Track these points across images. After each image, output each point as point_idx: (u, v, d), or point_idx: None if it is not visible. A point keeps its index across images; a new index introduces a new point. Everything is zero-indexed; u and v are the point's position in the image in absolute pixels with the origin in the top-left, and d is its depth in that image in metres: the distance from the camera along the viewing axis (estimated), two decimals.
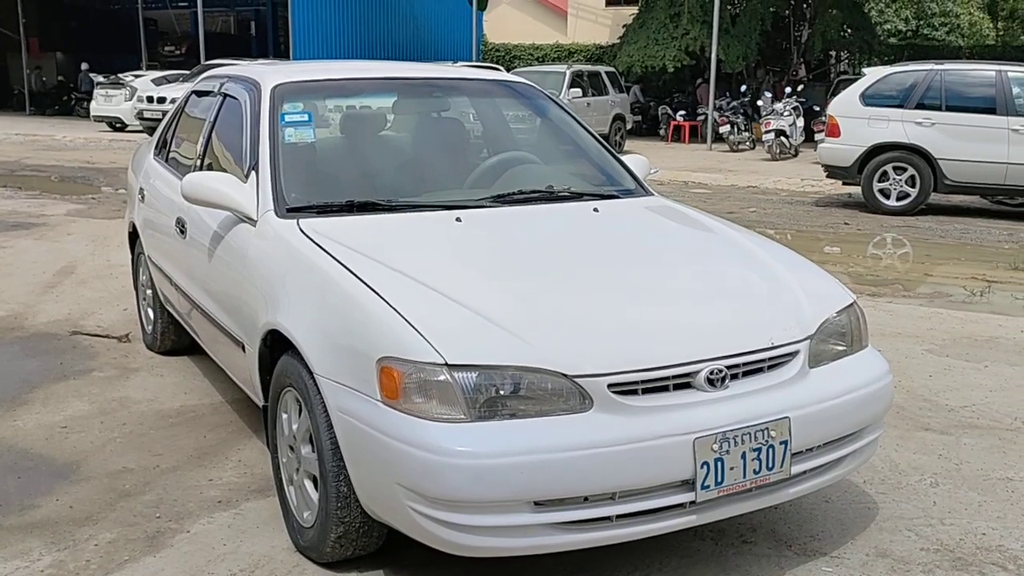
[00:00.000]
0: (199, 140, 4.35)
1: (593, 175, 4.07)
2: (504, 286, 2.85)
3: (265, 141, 3.63)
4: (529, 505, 2.47)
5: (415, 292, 2.74)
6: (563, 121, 4.34)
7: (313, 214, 3.39)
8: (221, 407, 4.44)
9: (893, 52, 24.06)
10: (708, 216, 3.81)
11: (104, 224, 9.66)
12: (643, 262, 3.21)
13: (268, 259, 3.29)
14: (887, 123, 11.65)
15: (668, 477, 2.54)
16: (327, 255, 3.01)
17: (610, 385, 2.54)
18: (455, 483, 2.43)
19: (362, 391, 2.63)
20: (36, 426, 4.18)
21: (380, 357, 2.58)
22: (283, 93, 3.84)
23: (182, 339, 5.10)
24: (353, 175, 3.80)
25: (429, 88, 4.29)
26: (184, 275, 4.16)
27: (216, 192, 3.51)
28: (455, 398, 2.48)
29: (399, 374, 2.53)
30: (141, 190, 5.02)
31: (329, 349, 2.77)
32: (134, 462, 3.82)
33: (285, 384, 3.09)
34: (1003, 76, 11.32)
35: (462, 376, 2.49)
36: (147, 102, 20.73)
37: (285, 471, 3.21)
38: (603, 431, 2.49)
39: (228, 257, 3.59)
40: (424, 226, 3.35)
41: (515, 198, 3.65)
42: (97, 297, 6.47)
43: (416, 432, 2.48)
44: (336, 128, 3.93)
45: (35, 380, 4.78)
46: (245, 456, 3.88)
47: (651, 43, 21.38)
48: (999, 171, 11.11)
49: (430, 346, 2.53)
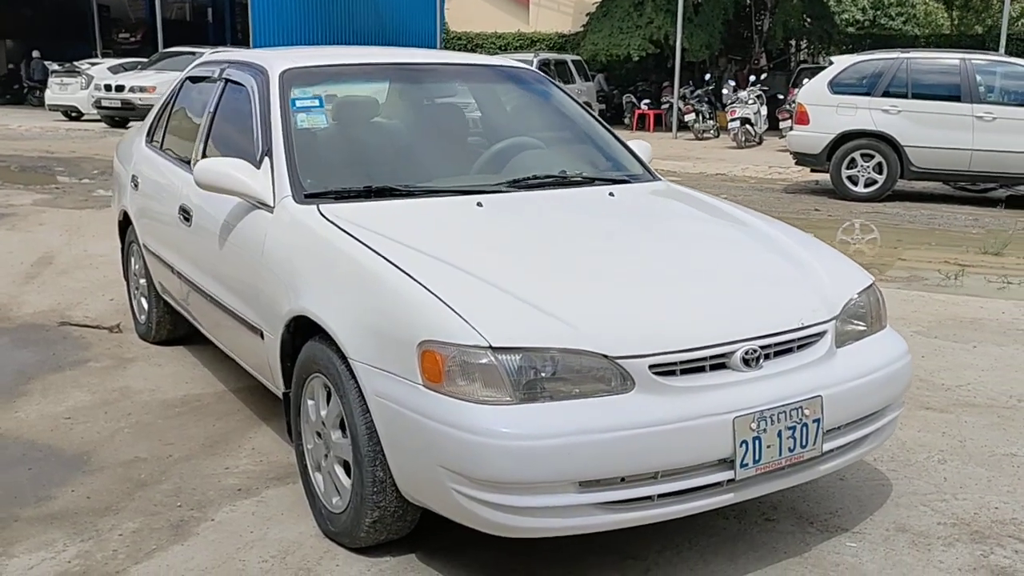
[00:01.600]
0: (200, 127, 4.30)
1: (600, 160, 4.10)
2: (537, 269, 2.86)
3: (278, 127, 3.60)
4: (574, 485, 2.49)
5: (451, 276, 2.75)
6: (567, 106, 4.36)
7: (331, 200, 3.37)
8: (225, 396, 4.40)
9: (851, 41, 24.45)
10: (719, 200, 3.86)
11: (74, 214, 9.51)
12: (669, 245, 3.25)
13: (288, 245, 3.27)
14: (855, 111, 11.83)
15: (708, 456, 2.58)
16: (355, 240, 3.00)
17: (651, 366, 2.57)
18: (502, 464, 2.44)
19: (402, 375, 2.63)
20: (39, 417, 4.12)
21: (421, 341, 2.58)
22: (291, 78, 3.82)
23: (177, 328, 5.05)
24: (366, 160, 3.78)
25: (435, 73, 4.29)
26: (189, 263, 4.12)
27: (231, 178, 3.48)
28: (500, 380, 2.50)
29: (442, 357, 2.54)
30: (134, 178, 4.95)
31: (364, 334, 2.77)
32: (146, 451, 3.78)
33: (311, 371, 3.08)
34: (967, 64, 11.55)
35: (506, 358, 2.51)
36: (105, 90, 20.36)
37: (311, 457, 3.20)
38: (646, 412, 2.52)
39: (242, 244, 3.56)
40: (446, 211, 3.35)
41: (530, 183, 3.67)
42: (80, 287, 6.37)
43: (461, 415, 2.49)
44: (346, 114, 3.90)
45: (30, 371, 4.71)
46: (258, 444, 3.86)
47: (616, 32, 21.48)
48: (964, 157, 11.34)
49: (473, 329, 2.54)
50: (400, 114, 4.11)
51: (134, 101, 19.84)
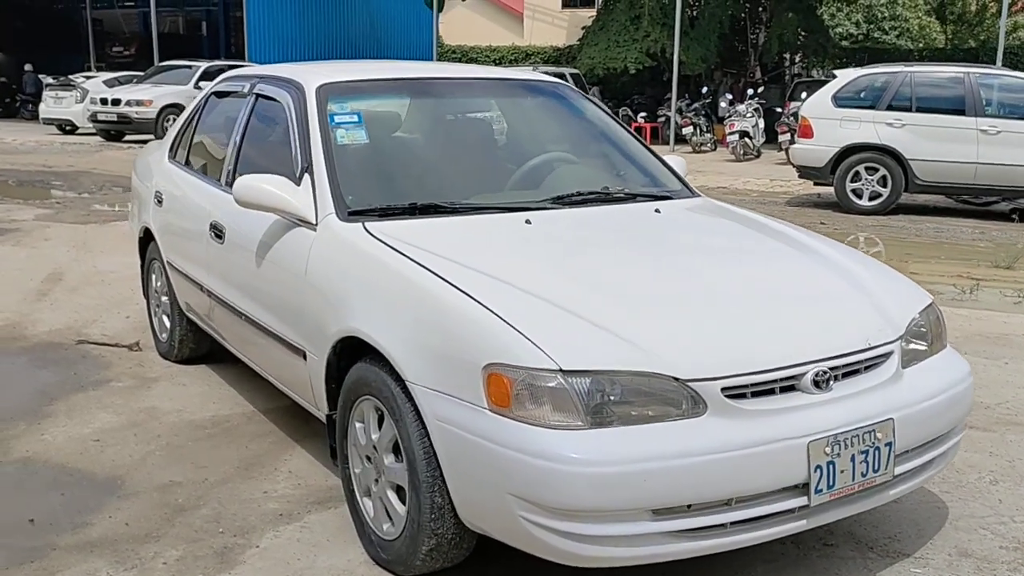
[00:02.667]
0: (230, 143, 4.22)
1: (639, 176, 4.04)
2: (599, 289, 2.79)
3: (318, 143, 3.54)
4: (648, 513, 2.43)
5: (513, 296, 2.68)
6: (603, 121, 4.31)
7: (375, 217, 3.31)
8: (255, 416, 4.32)
9: (845, 55, 24.46)
10: (763, 216, 3.81)
11: (79, 229, 9.40)
12: (726, 264, 3.19)
13: (335, 265, 3.20)
14: (859, 124, 11.83)
15: (783, 482, 2.52)
16: (408, 260, 2.93)
17: (723, 389, 2.50)
18: (576, 492, 2.37)
19: (465, 399, 2.56)
20: (67, 440, 4.02)
21: (487, 364, 2.51)
22: (328, 93, 3.75)
23: (200, 347, 4.97)
24: (406, 176, 3.72)
25: (471, 88, 4.23)
26: (220, 281, 4.04)
27: (272, 196, 3.41)
28: (571, 405, 2.43)
29: (510, 381, 2.47)
30: (157, 194, 4.87)
31: (423, 356, 2.70)
32: (180, 475, 3.69)
33: (361, 393, 3.00)
34: (971, 78, 11.57)
35: (577, 382, 2.44)
36: (101, 104, 20.22)
37: (359, 482, 3.12)
38: (720, 436, 2.46)
39: (283, 263, 3.48)
40: (495, 229, 3.29)
41: (574, 199, 3.61)
42: (94, 304, 6.27)
43: (532, 440, 2.42)
44: (384, 129, 3.84)
45: (52, 391, 4.61)
46: (294, 467, 3.78)
47: (612, 45, 21.51)
48: (968, 171, 11.34)
49: (542, 352, 2.47)
50: (437, 129, 4.05)
51: (130, 115, 19.75)
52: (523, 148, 4.05)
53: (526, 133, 4.20)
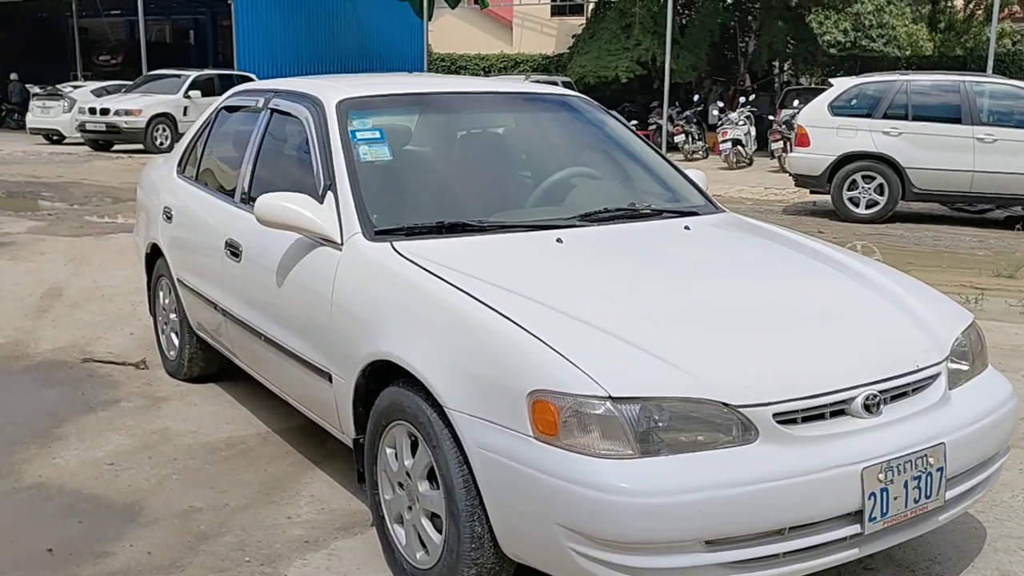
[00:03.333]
0: (244, 159, 4.14)
1: (661, 190, 3.98)
2: (641, 312, 2.73)
3: (340, 160, 3.46)
4: (701, 544, 2.36)
5: (555, 320, 2.61)
6: (622, 134, 4.25)
7: (402, 236, 3.24)
8: (270, 437, 4.23)
9: (834, 63, 24.60)
10: (792, 232, 3.76)
11: (75, 242, 9.28)
12: (765, 283, 3.13)
13: (363, 286, 3.12)
14: (855, 132, 11.83)
15: (837, 510, 2.46)
16: (443, 282, 2.86)
17: (775, 415, 2.44)
18: (630, 523, 2.31)
19: (508, 426, 2.49)
20: (79, 464, 3.93)
21: (531, 391, 2.44)
22: (348, 108, 3.68)
23: (210, 365, 4.88)
24: (430, 194, 3.65)
25: (491, 102, 4.16)
26: (236, 300, 3.95)
27: (295, 215, 3.34)
28: (621, 433, 2.36)
29: (556, 408, 2.40)
30: (167, 210, 4.78)
31: (462, 382, 2.63)
32: (200, 500, 3.60)
33: (393, 418, 2.93)
34: (967, 86, 11.58)
35: (627, 409, 2.38)
36: (89, 114, 20.07)
37: (389, 508, 3.05)
38: (774, 464, 2.40)
39: (306, 283, 3.41)
40: (527, 248, 3.22)
41: (601, 216, 3.55)
42: (96, 321, 6.17)
43: (581, 470, 2.35)
44: (405, 145, 3.77)
45: (61, 413, 4.51)
46: (316, 491, 3.70)
47: (603, 53, 21.51)
48: (965, 179, 11.34)
49: (589, 378, 2.40)
50: (459, 145, 3.98)
51: (119, 125, 19.60)
52: (545, 163, 3.98)
53: (547, 148, 4.14)
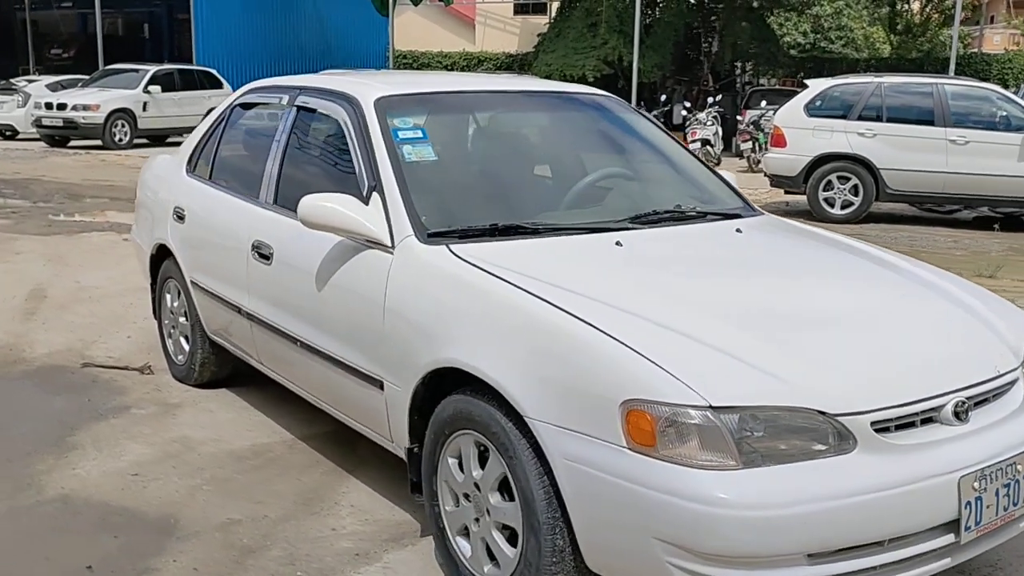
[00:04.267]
0: (269, 158, 4.01)
1: (700, 192, 3.93)
2: (723, 318, 2.67)
3: (385, 161, 3.36)
4: (804, 558, 2.31)
5: (640, 327, 2.54)
6: (657, 134, 4.21)
7: (455, 239, 3.14)
8: (296, 445, 4.11)
9: (795, 64, 24.87)
10: (839, 235, 3.74)
11: (48, 241, 9.00)
12: (833, 288, 3.08)
13: (422, 290, 3.02)
14: (831, 134, 11.95)
15: (936, 519, 2.43)
16: (513, 286, 2.77)
17: (873, 423, 2.40)
18: (735, 537, 2.25)
19: (599, 436, 2.42)
20: (102, 475, 3.78)
21: (625, 400, 2.37)
22: (386, 107, 3.58)
23: (222, 370, 4.75)
24: (475, 195, 3.56)
25: (528, 101, 4.09)
26: (266, 304, 3.82)
27: (343, 217, 3.23)
28: (723, 443, 2.30)
29: (653, 418, 2.33)
30: (177, 210, 4.62)
31: (544, 391, 2.54)
32: (237, 512, 3.48)
33: (458, 427, 2.84)
34: (940, 89, 11.76)
35: (727, 419, 2.32)
36: (45, 108, 19.53)
37: (451, 520, 2.96)
38: (875, 473, 2.35)
39: (353, 287, 3.29)
40: (587, 251, 3.15)
41: (649, 218, 3.49)
42: (87, 324, 5.96)
43: (683, 481, 2.29)
44: (446, 144, 3.67)
45: (71, 420, 4.34)
46: (355, 500, 3.59)
47: (570, 52, 21.50)
48: (938, 180, 11.51)
49: (687, 387, 2.34)
50: (498, 144, 3.89)
51: (77, 120, 19.12)
52: (584, 163, 3.91)
53: (585, 147, 4.08)
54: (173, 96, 20.58)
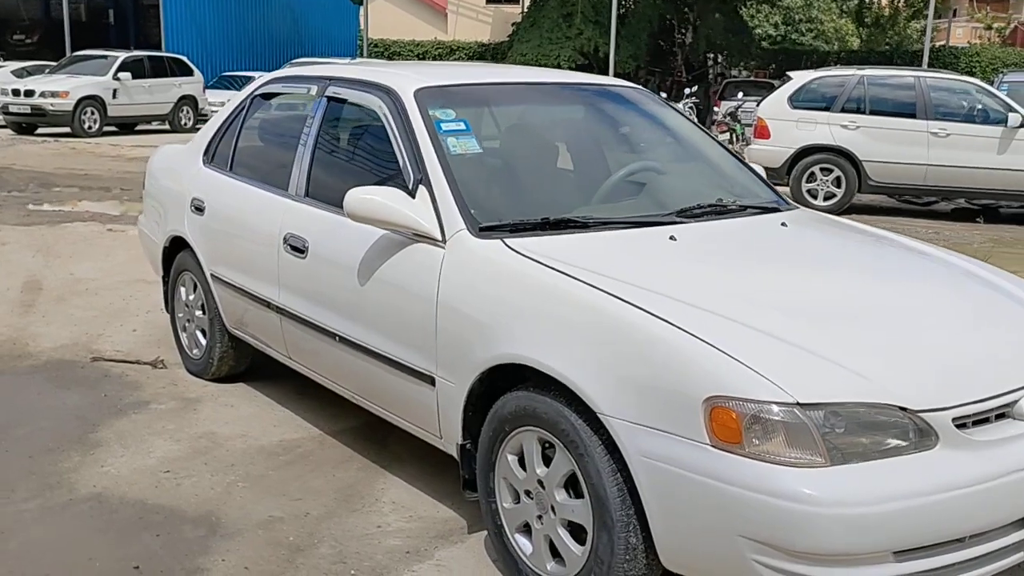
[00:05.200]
0: (299, 149, 3.93)
1: (733, 185, 3.91)
2: (793, 313, 2.66)
3: (431, 153, 3.31)
4: (890, 555, 2.31)
5: (713, 322, 2.53)
6: (689, 127, 4.20)
7: (507, 233, 3.11)
8: (326, 440, 4.05)
9: (767, 56, 25.04)
10: (878, 229, 3.76)
11: (33, 232, 8.81)
12: (894, 284, 3.09)
13: (479, 285, 2.98)
14: (814, 126, 12.03)
15: (1014, 515, 2.44)
16: (579, 281, 2.74)
17: (954, 419, 2.41)
18: (825, 534, 2.24)
19: (680, 433, 2.40)
20: (133, 472, 3.70)
21: (708, 397, 2.36)
22: (427, 98, 3.53)
23: (239, 364, 4.69)
24: (520, 188, 3.53)
25: (566, 93, 4.06)
26: (301, 299, 3.75)
27: (392, 211, 3.18)
28: (810, 440, 2.29)
29: (739, 415, 2.32)
30: (195, 201, 4.52)
31: (620, 388, 2.52)
32: (277, 509, 3.42)
33: (520, 424, 2.81)
34: (922, 82, 11.89)
35: (814, 415, 2.31)
36: (12, 95, 19.12)
37: (510, 517, 2.93)
38: (959, 469, 2.36)
39: (401, 282, 3.24)
40: (643, 245, 3.12)
41: (694, 212, 3.47)
42: (90, 316, 5.84)
43: (770, 479, 2.28)
44: (489, 136, 3.63)
45: (90, 416, 4.25)
46: (395, 497, 3.54)
47: (544, 42, 21.47)
48: (920, 172, 11.65)
49: (772, 384, 2.33)
50: (539, 137, 3.85)
51: (45, 107, 18.76)
52: (621, 156, 3.89)
53: (621, 140, 4.06)
54: (143, 83, 20.28)
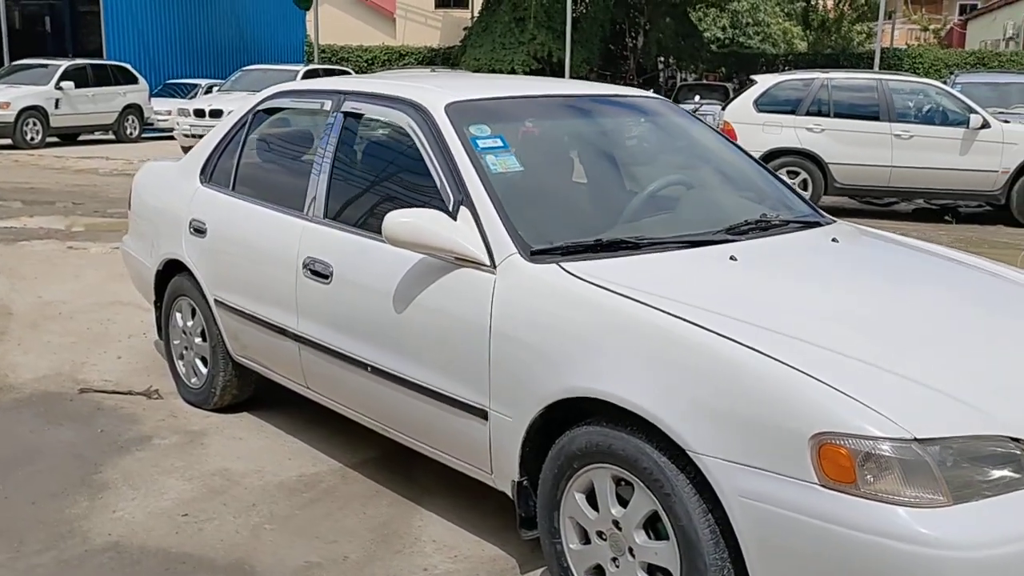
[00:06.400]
0: (315, 168, 3.72)
1: (766, 199, 3.80)
2: (885, 342, 2.54)
3: (471, 173, 3.13)
4: None
5: (813, 354, 2.38)
6: (718, 140, 4.09)
7: (559, 256, 2.94)
8: (348, 474, 3.84)
9: (716, 59, 25.18)
10: (920, 241, 3.68)
11: None
12: (967, 305, 2.97)
13: (540, 312, 2.81)
14: (780, 129, 12.08)
15: None
16: (658, 311, 2.58)
17: None
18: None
19: (784, 473, 2.26)
20: (148, 516, 3.45)
21: (816, 433, 2.22)
22: (458, 114, 3.35)
23: (243, 393, 4.46)
24: (565, 207, 3.37)
25: (595, 106, 3.89)
26: (325, 326, 3.53)
27: (437, 236, 2.99)
28: (930, 478, 2.16)
29: (852, 453, 2.18)
30: (195, 222, 4.27)
31: (710, 423, 2.37)
32: (313, 554, 3.21)
33: (591, 460, 2.65)
34: (883, 85, 12.00)
35: (932, 451, 2.18)
36: None
37: (576, 559, 2.77)
38: None
39: (446, 309, 3.05)
40: (706, 267, 2.98)
41: (742, 228, 3.34)
42: (68, 344, 5.53)
43: (889, 520, 2.14)
44: (526, 153, 3.45)
45: (90, 455, 3.98)
46: (435, 535, 3.35)
47: (497, 47, 21.33)
48: (884, 174, 11.76)
49: (885, 419, 2.20)
50: (575, 153, 3.69)
51: None
52: (655, 170, 3.76)
53: (654, 153, 3.92)
54: (87, 92, 19.69)
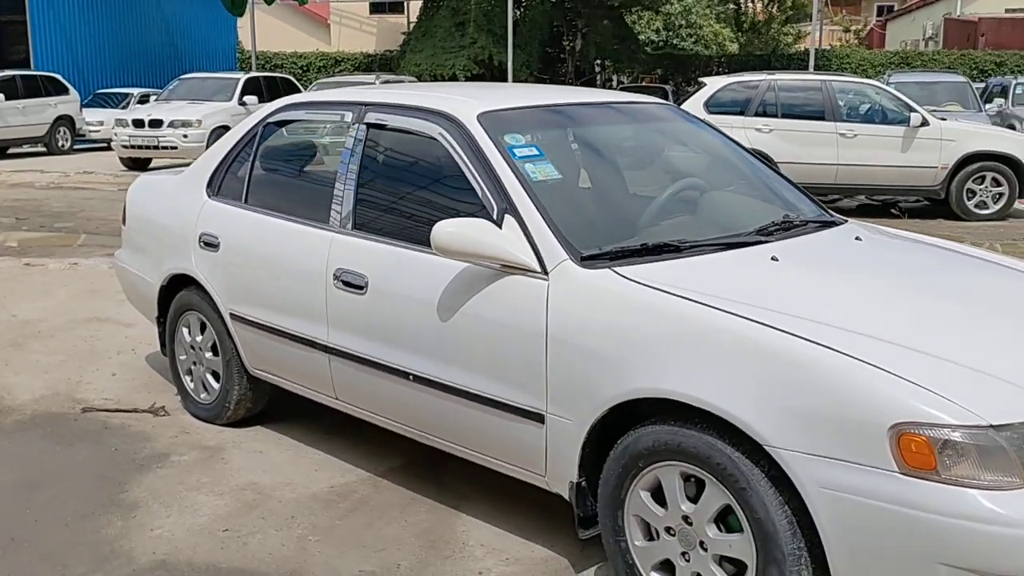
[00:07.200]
0: (339, 179, 3.73)
1: (780, 199, 3.93)
2: (939, 333, 2.67)
3: (513, 181, 3.19)
4: None
5: (880, 348, 2.49)
6: (724, 142, 4.22)
7: (608, 261, 3.02)
8: (379, 483, 3.85)
9: (652, 61, 25.54)
10: (936, 239, 3.84)
11: None
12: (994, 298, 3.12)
13: (597, 317, 2.87)
14: (730, 130, 12.15)
15: None
16: (721, 311, 2.67)
17: None
18: None
19: (864, 463, 2.36)
20: (188, 533, 3.42)
21: (894, 424, 2.32)
22: (491, 123, 3.40)
23: (256, 406, 4.43)
24: (604, 213, 3.45)
25: (618, 114, 3.98)
26: (361, 337, 3.53)
27: (482, 243, 3.04)
28: (1007, 462, 2.29)
29: (931, 441, 2.29)
30: (206, 236, 4.23)
31: (785, 418, 2.46)
32: (365, 563, 3.22)
33: (659, 458, 2.73)
34: (827, 86, 12.35)
35: (1008, 436, 2.30)
36: None
37: (642, 556, 2.84)
38: None
39: (498, 317, 3.08)
40: (752, 268, 3.07)
41: (770, 229, 3.46)
42: (57, 362, 5.42)
43: (971, 504, 2.26)
44: (560, 161, 3.51)
45: (111, 474, 3.93)
46: (481, 539, 3.39)
47: (439, 52, 21.34)
48: (831, 172, 12.10)
49: (960, 407, 2.31)
50: (605, 159, 3.76)
51: None
52: (678, 174, 3.86)
53: (674, 159, 4.01)
54: (16, 104, 19.19)
